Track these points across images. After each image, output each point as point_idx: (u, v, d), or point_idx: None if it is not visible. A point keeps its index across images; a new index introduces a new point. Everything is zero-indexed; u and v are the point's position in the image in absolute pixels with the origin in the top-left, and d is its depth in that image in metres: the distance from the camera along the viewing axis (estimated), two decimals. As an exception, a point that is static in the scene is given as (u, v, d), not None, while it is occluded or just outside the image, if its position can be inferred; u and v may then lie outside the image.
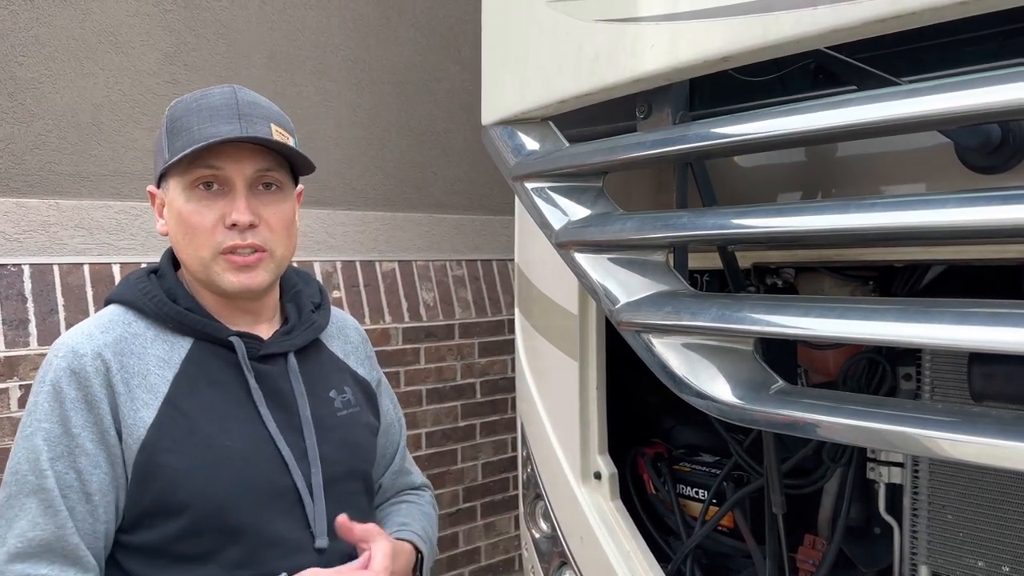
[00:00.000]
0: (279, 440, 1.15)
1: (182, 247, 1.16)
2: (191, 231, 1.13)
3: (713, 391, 1.15)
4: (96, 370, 1.08)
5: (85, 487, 1.05)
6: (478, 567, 3.64)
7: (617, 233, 1.30)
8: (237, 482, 1.10)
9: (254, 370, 1.17)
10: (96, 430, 1.07)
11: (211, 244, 1.12)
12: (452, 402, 3.55)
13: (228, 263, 1.13)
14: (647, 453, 2.20)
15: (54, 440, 1.05)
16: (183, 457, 1.08)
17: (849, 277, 1.65)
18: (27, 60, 2.53)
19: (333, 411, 1.25)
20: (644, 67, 1.22)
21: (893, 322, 0.95)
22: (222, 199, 1.13)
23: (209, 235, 1.12)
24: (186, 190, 1.13)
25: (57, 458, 1.04)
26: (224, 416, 1.13)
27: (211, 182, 1.13)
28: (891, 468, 1.66)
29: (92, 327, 1.14)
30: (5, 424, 2.40)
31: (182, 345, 1.15)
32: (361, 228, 3.35)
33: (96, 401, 1.07)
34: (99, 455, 1.06)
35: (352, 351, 1.37)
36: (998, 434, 0.90)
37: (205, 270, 1.14)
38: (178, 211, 1.14)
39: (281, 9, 3.12)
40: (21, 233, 2.51)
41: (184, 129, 1.13)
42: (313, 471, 1.17)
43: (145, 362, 1.12)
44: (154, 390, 1.10)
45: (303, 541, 1.14)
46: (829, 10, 0.97)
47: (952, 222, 0.92)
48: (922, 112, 0.93)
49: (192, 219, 1.12)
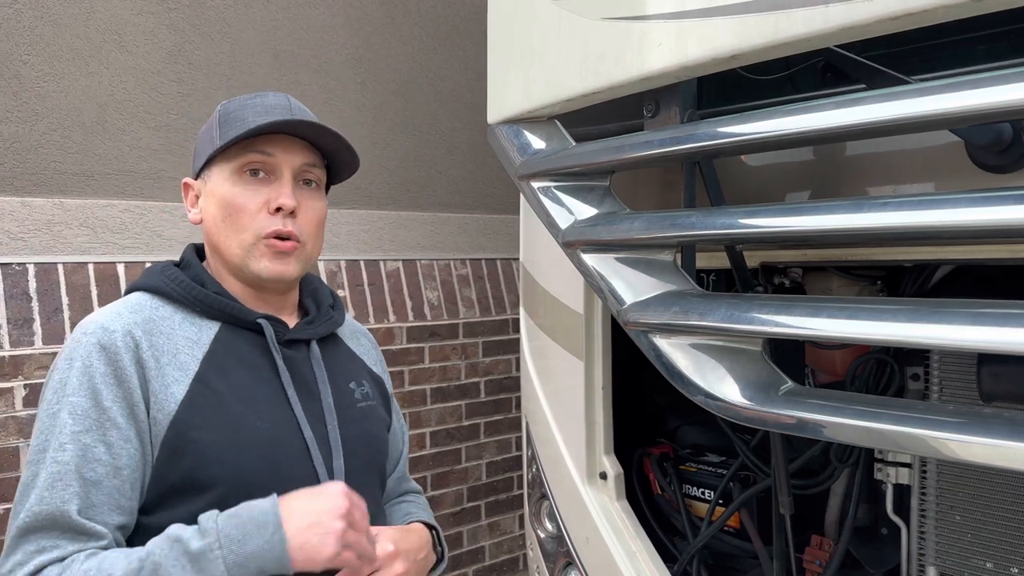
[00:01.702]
0: (303, 424, 1.17)
1: (221, 231, 1.17)
2: (235, 213, 1.15)
3: (722, 392, 1.15)
4: (126, 346, 1.08)
5: (115, 460, 1.05)
6: (482, 567, 3.64)
7: (624, 232, 1.30)
8: (264, 462, 1.11)
9: (281, 353, 1.19)
10: (126, 404, 1.06)
11: (254, 227, 1.15)
12: (456, 401, 3.55)
13: (268, 247, 1.16)
14: (653, 453, 2.20)
15: (81, 413, 1.04)
16: (214, 434, 1.09)
17: (857, 277, 1.64)
18: (32, 59, 2.53)
19: (353, 402, 1.28)
20: (652, 65, 1.22)
21: (904, 323, 0.94)
22: (267, 186, 1.16)
23: (253, 218, 1.15)
24: (233, 175, 1.16)
25: (85, 431, 1.04)
26: (253, 397, 1.14)
27: (258, 169, 1.16)
28: (899, 469, 1.65)
29: (120, 307, 1.14)
30: (9, 423, 2.40)
31: (210, 328, 1.17)
32: (365, 227, 3.35)
33: (126, 376, 1.07)
34: (129, 429, 1.06)
35: (365, 353, 1.41)
36: (1008, 435, 0.89)
37: (245, 255, 1.16)
38: (222, 195, 1.16)
39: (285, 7, 3.12)
40: (26, 232, 2.51)
41: (239, 119, 1.16)
42: (335, 456, 1.19)
43: (174, 342, 1.13)
44: (184, 368, 1.11)
45: None
46: (840, 8, 0.96)
47: (963, 222, 0.91)
48: (933, 111, 0.92)
49: (237, 201, 1.15)
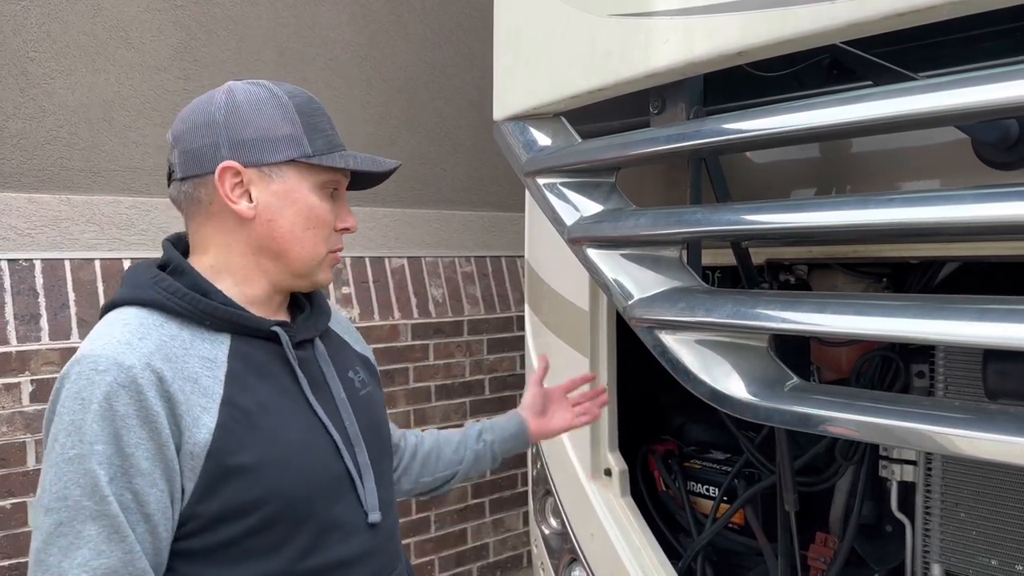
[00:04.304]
0: (329, 426, 1.17)
1: (298, 238, 1.18)
2: (319, 227, 1.18)
3: (727, 388, 1.15)
4: (149, 382, 1.02)
5: (143, 508, 1.01)
6: (486, 563, 3.64)
7: (630, 229, 1.30)
8: (303, 472, 1.11)
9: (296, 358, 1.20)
10: (152, 446, 1.02)
11: (329, 243, 1.20)
12: (461, 398, 3.56)
13: (332, 261, 1.23)
14: (658, 450, 2.20)
15: (107, 461, 0.99)
16: (254, 455, 1.06)
17: (863, 274, 1.64)
18: (39, 56, 2.54)
19: (356, 391, 1.28)
20: (658, 62, 1.22)
21: (910, 319, 0.94)
22: (336, 203, 1.22)
23: (330, 234, 1.20)
24: (316, 188, 1.18)
25: (112, 479, 1.00)
26: (279, 409, 1.13)
27: (336, 188, 1.22)
28: (904, 466, 1.65)
29: (126, 335, 1.06)
30: (17, 418, 2.41)
31: (221, 342, 1.12)
32: (371, 224, 3.35)
33: (153, 416, 1.02)
34: (155, 472, 1.02)
35: (345, 331, 1.39)
36: (1014, 431, 0.89)
37: (315, 266, 1.20)
38: (310, 205, 1.18)
39: (291, 5, 3.12)
40: (33, 228, 2.52)
41: (321, 130, 1.18)
42: (358, 451, 1.20)
43: (191, 365, 1.08)
44: (209, 393, 1.07)
45: (359, 521, 1.18)
46: (847, 5, 0.96)
47: (969, 218, 0.91)
48: (939, 107, 0.92)
49: (325, 216, 1.19)
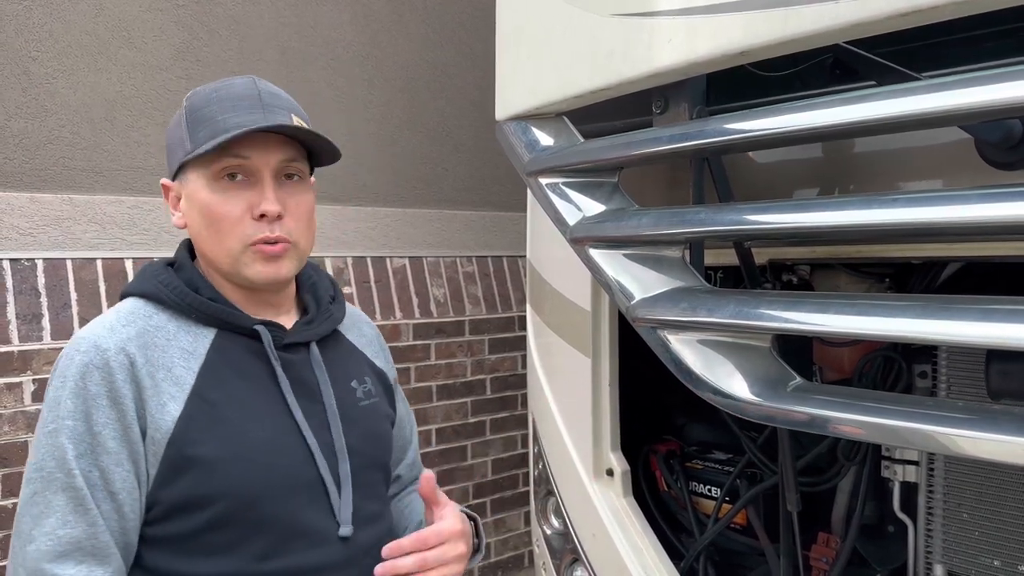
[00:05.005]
0: (306, 430, 1.14)
1: (206, 239, 1.14)
2: (217, 222, 1.11)
3: (730, 388, 1.15)
4: (120, 365, 1.06)
5: (109, 486, 1.04)
6: (487, 563, 3.64)
7: (633, 229, 1.30)
8: (266, 473, 1.09)
9: (279, 359, 1.16)
10: (119, 427, 1.05)
11: (240, 235, 1.11)
12: (462, 398, 3.56)
13: (258, 253, 1.12)
14: (660, 450, 2.20)
15: (78, 437, 1.03)
16: (213, 449, 1.07)
17: (865, 274, 1.64)
18: (41, 55, 2.54)
19: (356, 401, 1.25)
20: (661, 62, 1.22)
21: (914, 319, 0.94)
22: (248, 190, 1.11)
23: (237, 226, 1.11)
24: (211, 181, 1.11)
25: (81, 455, 1.03)
26: (252, 406, 1.12)
27: (236, 172, 1.11)
28: (906, 466, 1.65)
29: (112, 320, 1.11)
30: (19, 418, 2.41)
31: (206, 336, 1.14)
32: (372, 224, 3.35)
33: (120, 397, 1.05)
34: (121, 453, 1.05)
35: (367, 344, 1.37)
36: (1018, 431, 0.89)
37: (233, 262, 1.12)
38: (203, 203, 1.12)
39: (293, 5, 3.12)
40: (35, 228, 2.52)
41: (207, 119, 1.11)
42: (340, 462, 1.16)
43: (169, 354, 1.10)
44: (180, 382, 1.09)
45: (328, 532, 1.14)
46: (850, 4, 0.96)
47: (972, 218, 0.91)
48: (942, 107, 0.92)
49: (219, 210, 1.10)
